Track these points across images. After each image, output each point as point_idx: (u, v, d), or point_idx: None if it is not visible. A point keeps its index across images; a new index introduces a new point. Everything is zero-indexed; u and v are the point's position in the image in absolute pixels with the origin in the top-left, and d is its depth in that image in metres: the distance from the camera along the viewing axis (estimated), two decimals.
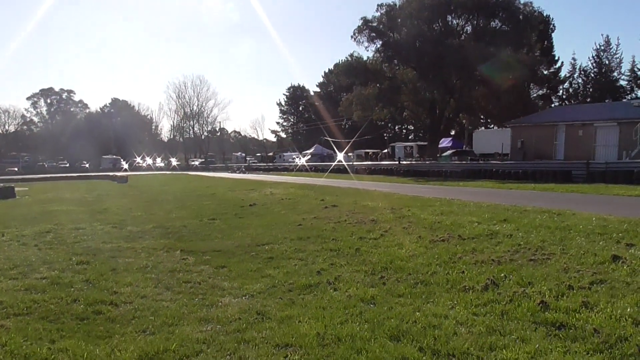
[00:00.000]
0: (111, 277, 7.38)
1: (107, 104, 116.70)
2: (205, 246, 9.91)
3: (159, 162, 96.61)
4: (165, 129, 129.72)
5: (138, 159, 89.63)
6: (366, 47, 55.01)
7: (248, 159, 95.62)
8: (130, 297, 6.37)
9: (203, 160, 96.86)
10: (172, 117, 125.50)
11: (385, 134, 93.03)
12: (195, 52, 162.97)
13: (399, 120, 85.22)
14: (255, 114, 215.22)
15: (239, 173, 59.45)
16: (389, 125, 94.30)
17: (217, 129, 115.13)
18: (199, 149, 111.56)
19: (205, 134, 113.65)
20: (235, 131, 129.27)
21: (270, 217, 13.78)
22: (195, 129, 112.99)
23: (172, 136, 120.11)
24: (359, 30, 50.58)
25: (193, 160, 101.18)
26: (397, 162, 48.01)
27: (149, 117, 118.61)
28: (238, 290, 6.70)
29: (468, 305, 5.58)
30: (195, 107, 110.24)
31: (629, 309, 5.01)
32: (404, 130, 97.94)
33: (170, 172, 71.17)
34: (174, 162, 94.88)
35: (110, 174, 51.14)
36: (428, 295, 6.09)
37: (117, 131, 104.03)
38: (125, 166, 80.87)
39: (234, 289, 6.81)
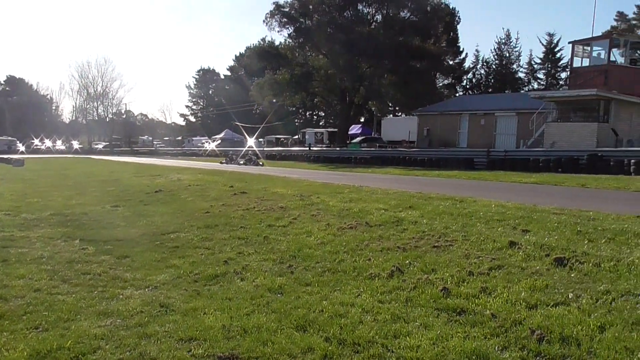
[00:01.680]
0: (1, 269, 6.89)
1: (2, 82, 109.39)
2: (107, 235, 9.48)
3: (60, 144, 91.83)
4: (66, 110, 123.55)
5: (36, 141, 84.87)
6: (278, 32, 54.79)
7: (155, 142, 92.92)
8: (22, 291, 5.97)
9: (108, 143, 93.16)
10: (75, 98, 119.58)
11: (296, 120, 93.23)
12: (100, 30, 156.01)
13: (310, 106, 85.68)
14: (163, 96, 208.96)
15: (243, 164, 35.42)
16: (300, 111, 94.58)
17: (123, 111, 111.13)
18: (104, 132, 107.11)
19: (110, 116, 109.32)
20: (142, 114, 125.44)
21: (176, 204, 13.41)
22: (100, 110, 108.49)
23: (74, 118, 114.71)
24: (271, 14, 50.25)
25: (97, 144, 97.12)
26: (307, 148, 48.25)
27: (48, 97, 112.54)
28: (141, 282, 6.44)
29: (374, 293, 5.64)
30: (99, 88, 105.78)
31: (523, 294, 5.25)
32: (315, 117, 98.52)
33: (72, 156, 67.90)
34: (76, 145, 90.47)
35: (5, 156, 47.98)
36: (335, 283, 6.12)
37: (13, 111, 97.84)
38: (22, 148, 76.42)
39: (136, 280, 6.54)
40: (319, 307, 5.28)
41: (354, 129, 60.54)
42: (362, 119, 72.94)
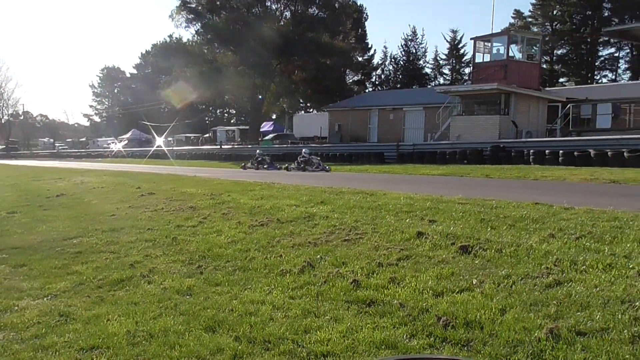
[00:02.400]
0: None
1: None
2: (2, 243, 8.89)
3: None
4: None
5: None
6: (185, 29, 53.80)
7: (57, 145, 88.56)
8: None
9: (4, 146, 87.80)
10: None
11: (207, 118, 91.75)
12: None
13: (221, 104, 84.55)
14: (65, 97, 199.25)
15: (297, 170, 24.29)
16: (211, 109, 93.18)
17: (21, 112, 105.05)
18: None
19: (6, 117, 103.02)
20: (42, 115, 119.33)
21: (80, 208, 12.80)
22: None
23: None
24: (177, 10, 49.22)
25: None
26: (218, 147, 47.66)
27: None
28: (39, 291, 6.07)
29: (285, 289, 5.60)
30: None
31: (430, 282, 5.36)
32: (226, 114, 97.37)
33: None
34: None
35: None
36: (246, 281, 6.02)
37: None
38: None
39: (34, 289, 6.15)
40: (229, 306, 5.18)
41: (266, 126, 60.33)
42: (274, 116, 72.83)
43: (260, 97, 52.67)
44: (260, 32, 45.68)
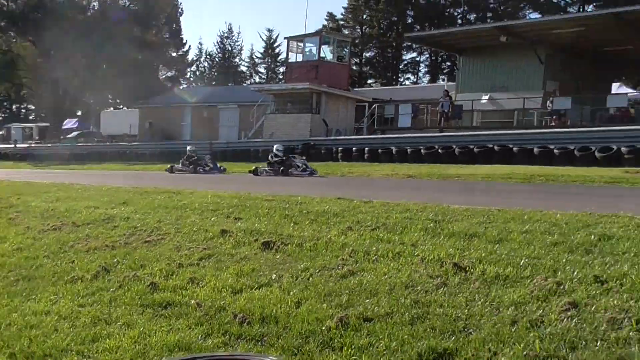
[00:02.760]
0: None
1: None
2: None
3: None
4: None
5: None
6: None
7: None
8: None
9: None
10: None
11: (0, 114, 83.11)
12: None
13: (17, 98, 77.02)
14: None
15: (268, 173, 18.81)
16: (5, 104, 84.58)
17: None
18: None
19: None
20: None
21: None
22: None
23: None
24: None
25: None
26: (12, 145, 43.54)
27: None
28: None
29: (74, 297, 5.20)
30: None
31: (230, 280, 5.32)
32: (24, 110, 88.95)
33: None
34: None
35: None
36: (30, 291, 5.50)
37: None
38: None
39: None
40: (7, 320, 4.69)
41: (70, 123, 56.04)
42: (80, 113, 68.12)
43: (62, 92, 48.98)
44: (63, 22, 42.43)
